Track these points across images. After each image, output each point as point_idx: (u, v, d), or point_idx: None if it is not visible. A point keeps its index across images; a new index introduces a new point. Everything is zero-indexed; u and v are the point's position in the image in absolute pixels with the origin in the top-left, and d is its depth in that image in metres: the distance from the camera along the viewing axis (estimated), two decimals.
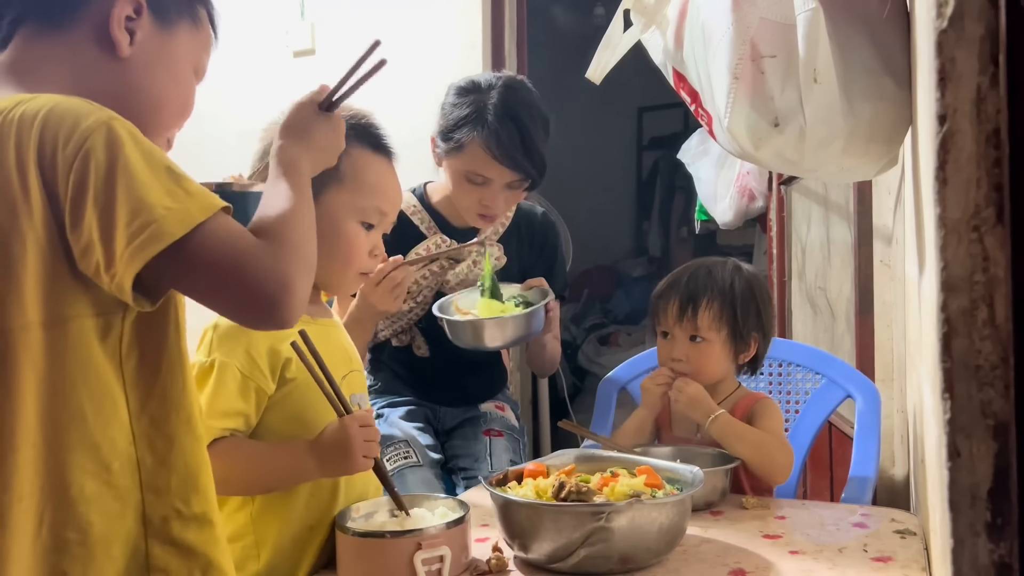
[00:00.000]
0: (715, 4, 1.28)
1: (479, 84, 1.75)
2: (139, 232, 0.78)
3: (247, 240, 0.83)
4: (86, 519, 0.81)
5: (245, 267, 0.82)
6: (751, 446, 1.44)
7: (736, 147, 1.33)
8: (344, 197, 1.22)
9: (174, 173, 0.82)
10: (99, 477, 0.82)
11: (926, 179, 0.74)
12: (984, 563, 0.64)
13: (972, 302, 0.64)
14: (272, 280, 0.82)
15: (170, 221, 0.79)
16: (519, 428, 1.94)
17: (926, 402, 0.91)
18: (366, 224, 1.24)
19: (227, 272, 0.81)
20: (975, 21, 0.63)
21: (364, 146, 1.25)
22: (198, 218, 0.80)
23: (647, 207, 5.42)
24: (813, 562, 1.13)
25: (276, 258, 0.84)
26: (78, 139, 0.78)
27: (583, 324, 4.92)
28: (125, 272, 0.78)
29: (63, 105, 0.81)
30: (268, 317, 0.84)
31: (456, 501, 1.16)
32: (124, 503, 0.83)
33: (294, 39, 3.03)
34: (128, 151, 0.79)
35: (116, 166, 0.78)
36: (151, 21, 0.93)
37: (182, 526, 0.86)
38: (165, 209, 0.79)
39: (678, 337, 1.53)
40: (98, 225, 0.78)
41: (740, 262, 1.60)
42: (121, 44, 0.91)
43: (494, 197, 1.75)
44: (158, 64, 0.95)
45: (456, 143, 1.72)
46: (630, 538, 1.08)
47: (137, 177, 0.79)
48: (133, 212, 0.78)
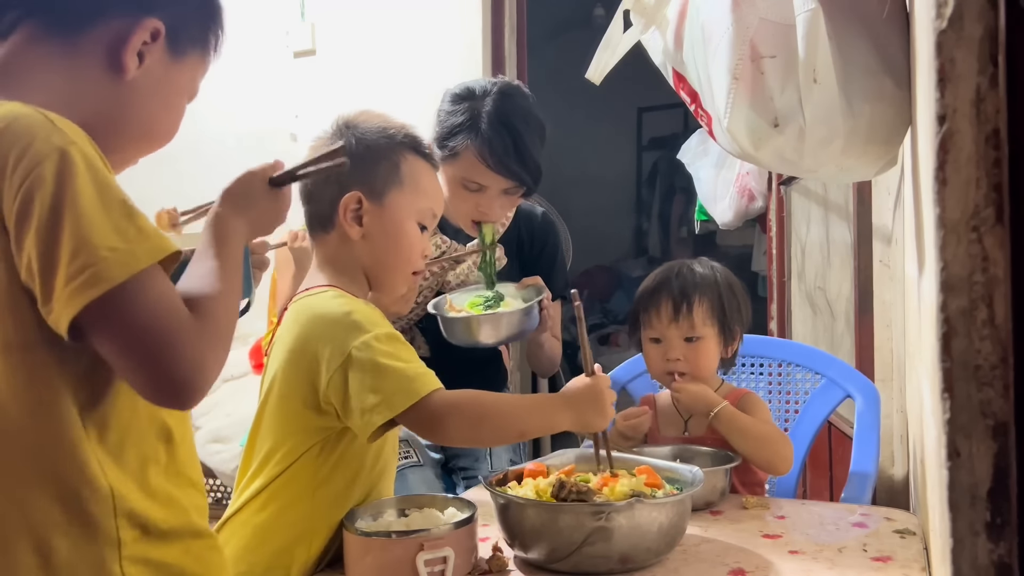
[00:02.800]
0: (715, 4, 1.28)
1: (474, 91, 1.75)
2: (78, 273, 0.74)
3: (179, 312, 0.79)
4: (48, 544, 0.79)
5: (171, 339, 0.77)
6: (755, 439, 1.45)
7: (736, 147, 1.33)
8: (406, 199, 1.26)
9: (128, 210, 0.78)
10: (65, 503, 0.80)
11: (926, 179, 0.74)
12: (984, 563, 0.64)
13: (972, 302, 0.64)
14: (191, 362, 0.78)
15: (113, 265, 0.74)
16: None
17: (926, 402, 0.91)
18: (421, 225, 1.29)
19: (151, 336, 0.76)
20: (975, 21, 0.63)
21: (415, 152, 1.30)
22: (142, 264, 0.76)
23: (647, 207, 5.43)
24: (813, 562, 1.13)
25: (201, 338, 0.79)
26: (28, 163, 0.75)
27: None
28: (61, 313, 0.75)
29: (21, 122, 0.77)
30: (174, 398, 0.80)
31: (465, 502, 1.16)
32: (95, 528, 0.81)
33: (294, 39, 3.03)
34: (80, 183, 0.75)
35: (64, 198, 0.74)
36: (163, 48, 0.91)
37: (161, 545, 0.85)
38: (109, 251, 0.75)
39: (672, 338, 1.52)
40: (38, 259, 0.74)
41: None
42: (129, 69, 0.88)
43: (490, 203, 1.75)
44: (158, 91, 0.92)
45: (451, 151, 1.72)
46: (630, 538, 1.08)
47: (85, 213, 0.75)
48: (75, 251, 0.74)
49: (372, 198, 1.24)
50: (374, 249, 1.25)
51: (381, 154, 1.26)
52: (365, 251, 1.25)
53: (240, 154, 1.28)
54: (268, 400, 1.19)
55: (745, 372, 1.83)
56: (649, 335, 1.55)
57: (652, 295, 1.55)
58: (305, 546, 1.15)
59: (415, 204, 1.27)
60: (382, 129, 1.29)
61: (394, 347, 1.12)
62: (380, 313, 1.20)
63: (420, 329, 1.88)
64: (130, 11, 0.88)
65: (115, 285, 0.74)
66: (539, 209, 2.00)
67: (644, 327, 1.56)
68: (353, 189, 1.24)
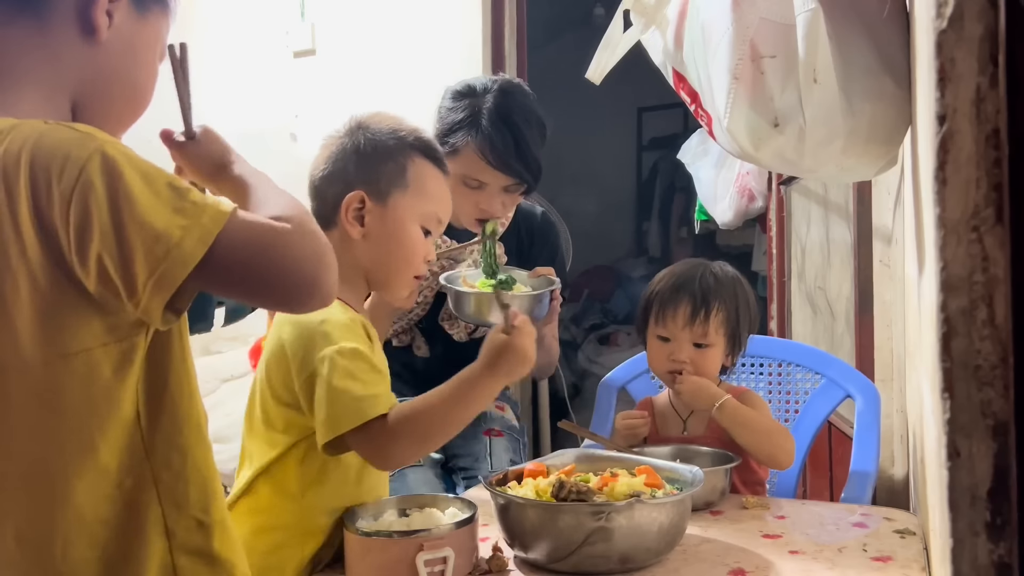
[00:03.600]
0: (715, 4, 1.28)
1: (474, 88, 1.75)
2: (161, 260, 0.76)
3: (270, 229, 0.82)
4: (103, 538, 0.81)
5: (276, 255, 0.81)
6: (758, 432, 1.45)
7: (736, 147, 1.33)
8: (409, 202, 1.25)
9: (177, 188, 0.80)
10: (112, 497, 0.81)
11: (926, 179, 0.74)
12: (984, 563, 0.64)
13: (972, 302, 0.64)
14: (306, 259, 0.82)
15: (188, 242, 0.77)
16: (519, 428, 1.94)
17: (926, 402, 0.91)
18: (425, 230, 1.28)
19: (260, 267, 0.80)
20: (975, 21, 0.63)
21: (426, 158, 1.29)
22: (214, 231, 0.79)
23: (647, 207, 5.43)
24: (813, 562, 1.13)
25: (302, 236, 0.83)
26: (72, 171, 0.76)
27: (583, 324, 4.92)
28: (152, 301, 0.77)
29: (49, 137, 0.78)
30: (309, 297, 0.84)
31: (466, 502, 1.16)
32: (143, 518, 0.83)
33: (294, 39, 3.03)
34: (128, 177, 0.77)
35: (118, 195, 0.76)
36: (128, 6, 0.92)
37: (204, 535, 0.86)
38: (181, 230, 0.77)
39: (682, 340, 1.51)
40: (111, 258, 0.76)
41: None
42: (100, 29, 0.89)
43: (490, 201, 1.75)
44: (132, 49, 0.93)
45: (451, 147, 1.72)
46: (630, 538, 1.08)
47: (142, 203, 0.77)
48: (148, 241, 0.76)
49: (375, 198, 1.24)
50: (374, 250, 1.24)
51: (388, 155, 1.26)
52: (365, 252, 1.25)
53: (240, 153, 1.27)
54: (255, 399, 1.19)
55: (745, 372, 1.83)
56: (659, 332, 1.54)
57: (671, 294, 1.53)
58: (297, 547, 1.15)
59: (419, 207, 1.26)
60: (392, 130, 1.28)
61: (355, 364, 1.11)
62: (358, 322, 1.18)
63: (420, 330, 1.88)
64: None
65: (199, 260, 0.77)
66: (539, 209, 2.00)
67: (655, 323, 1.54)
68: (357, 188, 1.23)
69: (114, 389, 0.82)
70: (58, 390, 0.80)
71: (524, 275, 1.77)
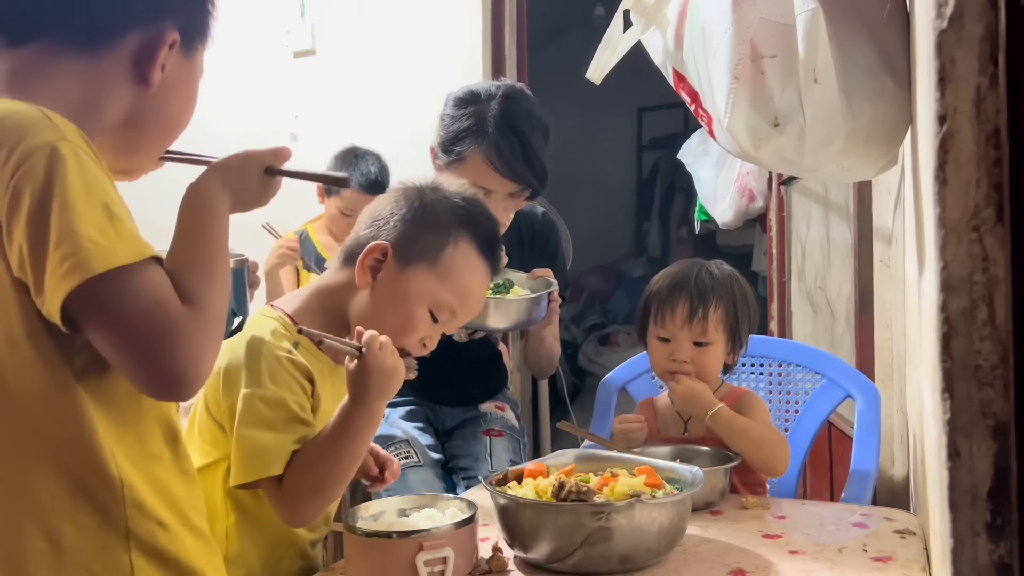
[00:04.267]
0: (715, 4, 1.28)
1: (478, 94, 1.75)
2: (63, 261, 0.75)
3: (172, 306, 0.79)
4: (58, 530, 0.80)
5: (163, 333, 0.77)
6: (752, 441, 1.44)
7: (736, 147, 1.33)
8: (430, 283, 1.19)
9: (110, 212, 0.78)
10: (71, 490, 0.81)
11: (926, 179, 0.74)
12: (984, 563, 0.64)
13: (972, 302, 0.64)
14: (187, 355, 0.78)
15: (94, 256, 0.75)
16: (519, 428, 1.94)
17: (926, 402, 0.91)
18: (434, 316, 1.21)
19: (141, 330, 0.77)
20: (975, 21, 0.63)
21: (475, 245, 1.23)
22: (122, 260, 0.76)
23: (647, 207, 5.43)
24: (813, 562, 1.13)
25: (198, 332, 0.80)
26: (19, 156, 0.76)
27: (583, 324, 4.93)
28: (51, 298, 0.76)
29: (13, 118, 0.78)
30: (170, 391, 0.80)
31: (466, 502, 1.16)
32: (104, 518, 0.82)
33: (294, 39, 3.03)
34: (69, 176, 0.76)
35: (52, 190, 0.75)
36: (178, 51, 0.92)
37: (167, 538, 0.85)
38: (91, 243, 0.75)
39: (682, 340, 1.51)
40: (28, 250, 0.76)
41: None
42: (154, 82, 0.90)
43: (496, 207, 1.74)
44: (178, 91, 0.94)
45: (457, 155, 1.71)
46: (630, 538, 1.08)
47: (71, 205, 0.76)
48: (59, 240, 0.75)
49: (398, 259, 1.19)
50: (371, 308, 1.19)
51: (433, 225, 1.21)
52: (362, 305, 1.20)
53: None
54: (197, 404, 1.19)
55: (745, 372, 1.83)
56: (658, 333, 1.54)
57: (668, 293, 1.53)
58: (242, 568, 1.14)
59: (436, 292, 1.19)
60: (455, 206, 1.22)
61: (274, 412, 1.09)
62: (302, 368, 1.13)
63: None
64: (148, 22, 0.89)
65: (95, 275, 0.75)
66: (539, 209, 2.00)
67: (654, 323, 1.54)
68: (389, 240, 1.19)
69: (65, 380, 0.80)
70: (13, 373, 0.79)
71: (523, 277, 1.77)
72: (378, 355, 1.07)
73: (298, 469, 1.08)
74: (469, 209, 1.24)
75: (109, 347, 0.78)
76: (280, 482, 1.08)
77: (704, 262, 1.58)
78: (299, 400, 1.12)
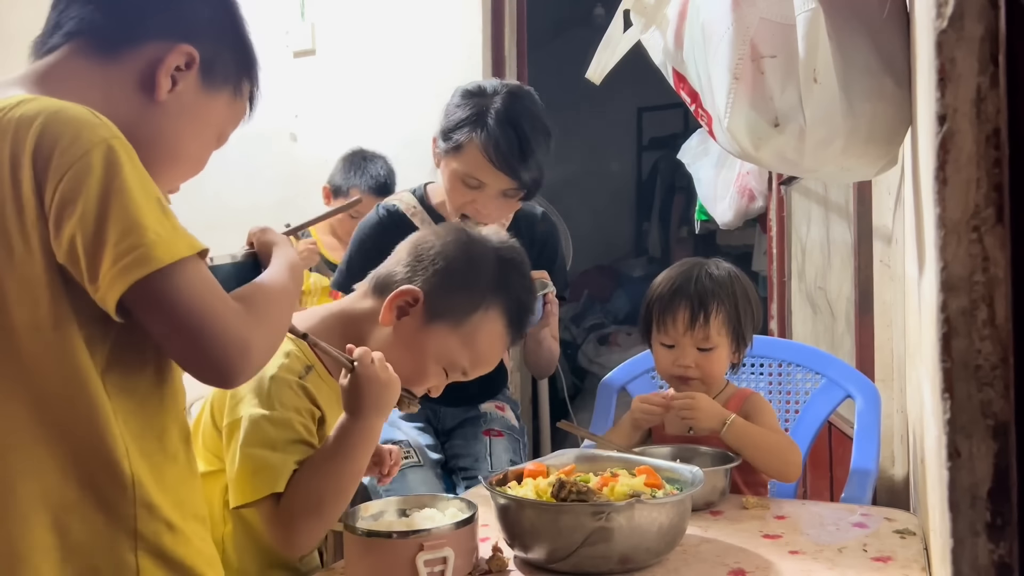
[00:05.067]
0: (715, 4, 1.28)
1: (485, 89, 1.75)
2: (126, 253, 0.77)
3: (222, 298, 0.83)
4: (65, 524, 0.80)
5: (213, 321, 0.80)
6: (766, 450, 1.45)
7: (736, 147, 1.33)
8: (451, 344, 1.20)
9: (163, 207, 0.81)
10: (82, 483, 0.81)
11: (926, 179, 0.74)
12: (984, 563, 0.64)
13: (972, 302, 0.64)
14: (234, 343, 0.81)
15: (159, 247, 0.78)
16: (519, 428, 1.94)
17: (926, 402, 0.91)
18: (446, 372, 1.23)
19: (194, 319, 0.79)
20: (975, 21, 0.63)
21: (504, 316, 1.23)
22: (183, 252, 0.79)
23: (647, 207, 5.43)
24: (813, 562, 1.13)
25: (245, 323, 0.83)
26: (77, 149, 0.78)
27: (583, 324, 4.92)
28: (109, 290, 0.77)
29: (68, 112, 0.80)
30: (220, 375, 0.83)
31: (466, 502, 1.16)
32: (112, 513, 0.82)
33: (294, 39, 3.03)
34: (127, 172, 0.79)
35: (113, 185, 0.78)
36: (197, 78, 0.93)
37: (173, 540, 0.86)
38: (155, 234, 0.78)
39: (686, 346, 1.51)
40: (84, 241, 0.77)
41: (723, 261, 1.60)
42: (161, 89, 0.91)
43: (486, 202, 1.74)
44: (187, 118, 0.94)
45: (455, 143, 1.71)
46: (630, 538, 1.08)
47: (133, 198, 0.78)
48: (124, 232, 0.77)
49: (427, 312, 1.19)
50: (388, 348, 1.16)
51: (468, 287, 1.21)
52: (380, 341, 1.19)
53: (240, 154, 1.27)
54: (202, 413, 1.19)
55: (745, 372, 1.83)
56: (662, 340, 1.54)
57: (669, 300, 1.52)
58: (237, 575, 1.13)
59: (455, 354, 1.21)
60: (495, 272, 1.22)
61: (279, 433, 1.08)
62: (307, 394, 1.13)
63: None
64: (171, 36, 0.91)
65: (163, 266, 0.78)
66: (539, 209, 2.00)
67: (657, 331, 1.54)
68: (423, 289, 1.19)
69: (88, 373, 0.81)
70: (36, 364, 0.80)
71: None
72: (370, 368, 1.07)
73: (296, 488, 1.07)
74: (508, 270, 1.23)
75: (164, 334, 0.81)
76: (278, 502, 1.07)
77: (704, 262, 1.58)
78: (305, 423, 1.12)
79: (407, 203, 1.87)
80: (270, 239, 0.99)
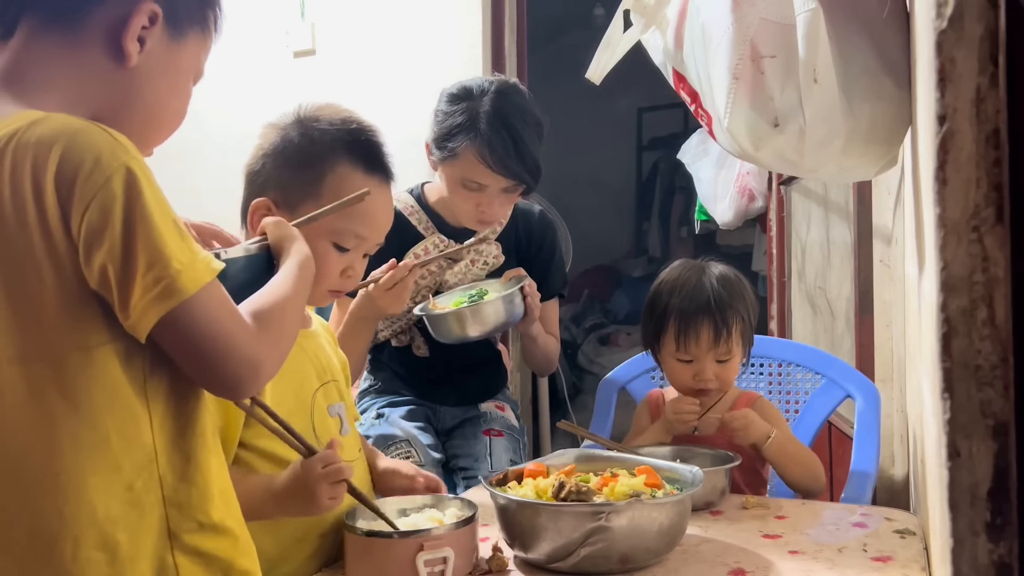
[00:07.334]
0: (715, 4, 1.28)
1: (471, 90, 1.75)
2: (153, 285, 0.78)
3: (237, 320, 0.84)
4: (114, 539, 0.81)
5: (229, 346, 0.82)
6: (803, 466, 1.47)
7: (736, 147, 1.33)
8: (327, 221, 1.13)
9: (180, 229, 0.82)
10: (122, 497, 0.81)
11: (926, 179, 0.74)
12: (984, 563, 0.64)
13: (972, 302, 0.64)
14: (247, 364, 0.83)
15: (183, 277, 0.79)
16: (519, 428, 1.95)
17: (926, 402, 0.91)
18: (339, 246, 1.18)
19: (210, 343, 0.81)
20: (975, 21, 0.63)
21: (355, 164, 1.19)
22: (205, 278, 0.81)
23: (647, 207, 5.42)
24: (813, 562, 1.13)
25: (259, 343, 0.85)
26: (99, 176, 0.77)
27: (583, 324, 4.92)
28: (139, 322, 0.79)
29: (84, 136, 0.79)
30: (230, 392, 0.87)
31: (466, 502, 1.16)
32: (149, 519, 0.83)
33: (294, 39, 3.03)
34: (147, 198, 0.79)
35: (135, 213, 0.78)
36: (162, 29, 0.90)
37: (203, 536, 0.86)
38: (179, 263, 0.79)
39: (707, 362, 1.51)
40: (114, 270, 0.78)
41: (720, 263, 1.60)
42: (131, 56, 0.88)
43: (491, 202, 1.76)
44: (163, 74, 0.92)
45: (450, 151, 1.72)
46: (630, 538, 1.08)
47: (155, 225, 0.78)
48: (150, 263, 0.78)
49: (284, 207, 1.17)
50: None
51: (308, 159, 1.18)
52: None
53: (241, 154, 1.27)
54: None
55: (745, 372, 1.83)
56: (680, 357, 1.53)
57: (691, 319, 1.50)
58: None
59: (330, 223, 1.14)
60: (324, 130, 1.19)
61: None
62: None
63: (419, 329, 1.88)
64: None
65: (188, 297, 0.79)
66: (537, 207, 2.00)
67: (676, 347, 1.53)
68: (268, 193, 1.17)
69: (124, 386, 0.82)
70: (77, 383, 0.80)
71: (496, 283, 1.79)
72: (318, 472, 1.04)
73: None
74: (331, 129, 1.20)
75: (184, 357, 0.83)
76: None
77: (707, 267, 1.57)
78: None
79: (405, 203, 1.88)
80: (283, 232, 0.99)
